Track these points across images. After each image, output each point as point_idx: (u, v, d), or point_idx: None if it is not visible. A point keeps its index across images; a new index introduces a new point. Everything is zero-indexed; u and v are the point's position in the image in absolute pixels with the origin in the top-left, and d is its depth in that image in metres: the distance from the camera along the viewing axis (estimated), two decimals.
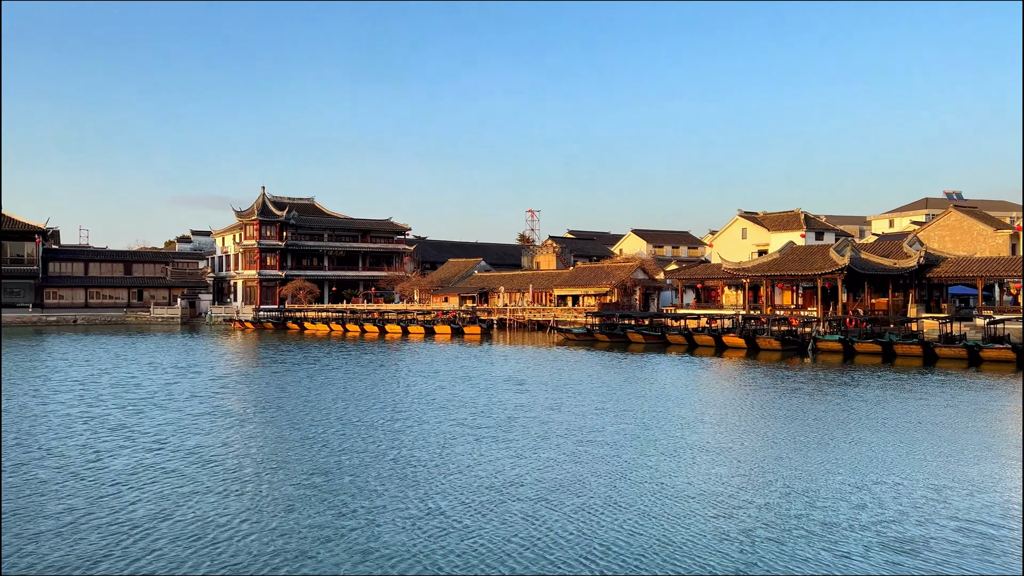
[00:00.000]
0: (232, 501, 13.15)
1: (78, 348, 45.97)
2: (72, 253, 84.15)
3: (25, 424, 20.23)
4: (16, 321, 71.34)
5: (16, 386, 27.95)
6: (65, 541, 11.06)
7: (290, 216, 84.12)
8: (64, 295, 77.79)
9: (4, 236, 74.51)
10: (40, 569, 10.00)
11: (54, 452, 16.86)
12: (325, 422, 20.69)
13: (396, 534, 11.45)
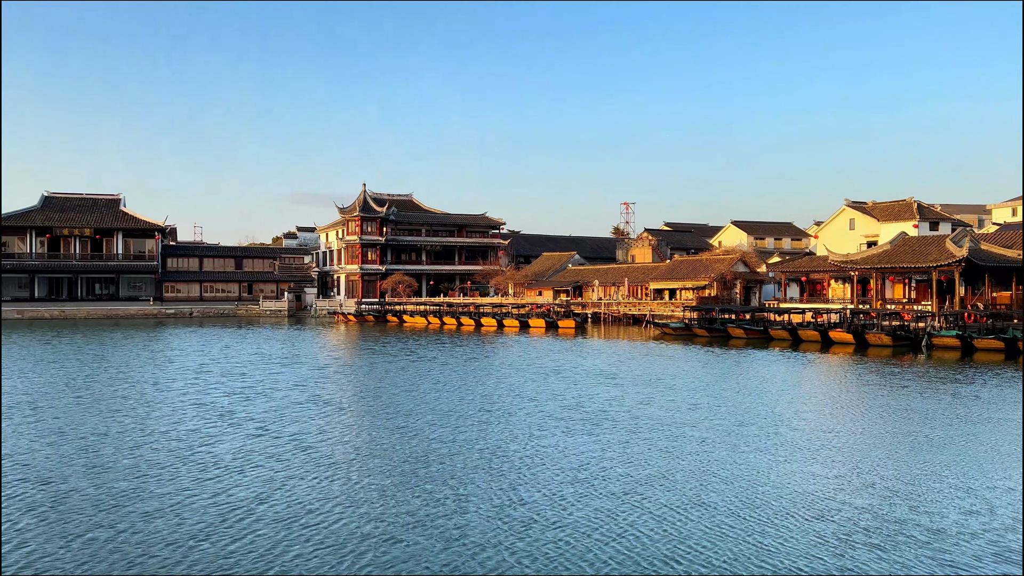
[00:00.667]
0: (326, 485, 13.59)
1: (193, 339, 48.68)
2: (188, 249, 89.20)
3: (142, 409, 21.58)
4: (139, 314, 76.33)
5: (137, 374, 29.86)
6: (170, 521, 11.72)
7: (390, 212, 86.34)
8: (181, 289, 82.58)
9: (128, 233, 79.79)
10: (151, 545, 10.62)
11: (167, 436, 17.89)
12: (418, 412, 21.10)
13: (481, 523, 11.55)
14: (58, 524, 11.48)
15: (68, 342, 45.50)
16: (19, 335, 51.95)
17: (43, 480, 13.93)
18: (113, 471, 14.59)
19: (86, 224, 78.19)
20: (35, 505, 12.43)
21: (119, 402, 22.84)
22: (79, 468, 14.83)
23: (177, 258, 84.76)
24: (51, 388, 25.84)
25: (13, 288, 76.75)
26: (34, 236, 76.77)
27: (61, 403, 22.65)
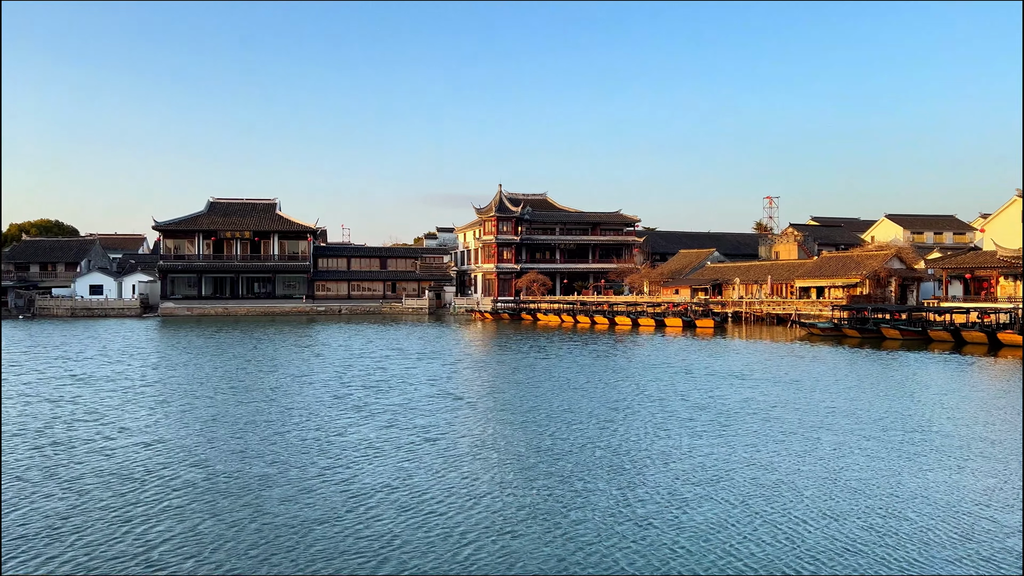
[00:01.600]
0: (449, 476, 13.94)
1: (339, 335, 51.33)
2: (337, 250, 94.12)
3: (286, 400, 23.00)
4: (293, 311, 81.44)
5: (285, 367, 31.87)
6: (297, 504, 12.42)
7: (524, 212, 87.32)
8: (331, 287, 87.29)
9: (283, 235, 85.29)
10: (282, 526, 11.30)
11: (306, 425, 18.97)
12: (543, 408, 21.21)
13: (596, 519, 11.46)
14: (208, 503, 12.45)
15: (227, 337, 49.26)
16: (187, 329, 56.83)
17: (198, 463, 15.15)
18: (257, 457, 15.65)
19: (246, 227, 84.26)
20: (190, 483, 13.54)
21: (267, 392, 24.47)
22: (228, 452, 16.01)
23: (327, 258, 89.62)
24: (209, 378, 28.07)
25: (184, 287, 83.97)
26: (201, 239, 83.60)
27: (217, 392, 24.56)
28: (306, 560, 9.95)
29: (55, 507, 12.19)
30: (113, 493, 12.96)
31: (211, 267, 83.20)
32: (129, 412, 20.93)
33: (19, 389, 25.41)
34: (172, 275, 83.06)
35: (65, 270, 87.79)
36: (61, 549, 10.34)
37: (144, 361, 34.28)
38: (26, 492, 13.04)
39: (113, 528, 11.20)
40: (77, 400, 23.04)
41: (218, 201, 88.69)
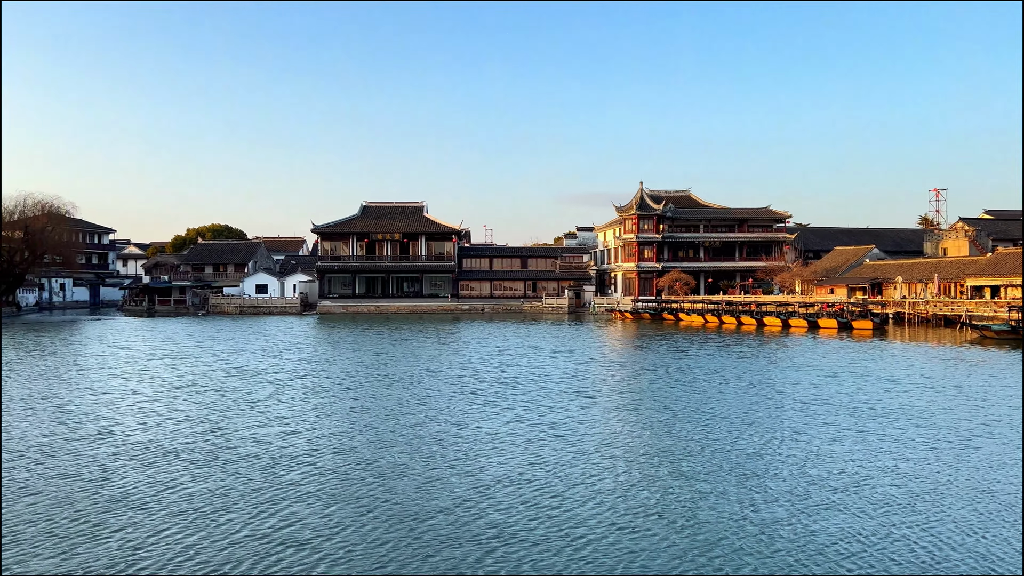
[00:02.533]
0: (573, 472, 14.00)
1: (481, 332, 52.59)
2: (480, 250, 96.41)
3: (424, 393, 23.89)
4: (439, 309, 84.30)
5: (430, 362, 33.09)
6: (422, 493, 12.89)
7: (666, 209, 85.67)
8: (474, 287, 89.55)
9: (430, 237, 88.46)
10: (406, 515, 11.80)
11: (438, 419, 19.63)
12: (674, 408, 20.79)
13: (720, 522, 11.15)
14: (343, 488, 13.21)
15: (376, 333, 51.73)
16: (341, 326, 60.22)
17: (339, 450, 16.08)
18: (391, 446, 16.41)
19: (396, 229, 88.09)
20: (329, 469, 14.41)
21: (409, 386, 25.51)
22: (366, 441, 16.89)
23: (470, 258, 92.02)
24: (358, 372, 29.64)
25: (340, 286, 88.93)
26: (355, 241, 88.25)
27: (364, 385, 25.90)
28: (421, 546, 10.34)
29: (210, 487, 13.35)
30: (261, 475, 14.01)
31: (364, 267, 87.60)
32: (283, 402, 22.50)
33: (191, 380, 27.92)
34: (329, 275, 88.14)
35: (235, 271, 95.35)
36: (215, 525, 11.32)
37: (301, 355, 36.69)
38: (189, 471, 14.35)
39: (262, 507, 12.12)
40: (238, 391, 25.03)
41: (370, 205, 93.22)
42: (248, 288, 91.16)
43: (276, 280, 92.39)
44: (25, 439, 17.14)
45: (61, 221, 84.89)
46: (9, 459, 15.26)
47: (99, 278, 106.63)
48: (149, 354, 37.52)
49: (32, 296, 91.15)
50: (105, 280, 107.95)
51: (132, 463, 14.93)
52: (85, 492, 12.93)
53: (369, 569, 9.61)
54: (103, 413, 20.54)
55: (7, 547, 10.35)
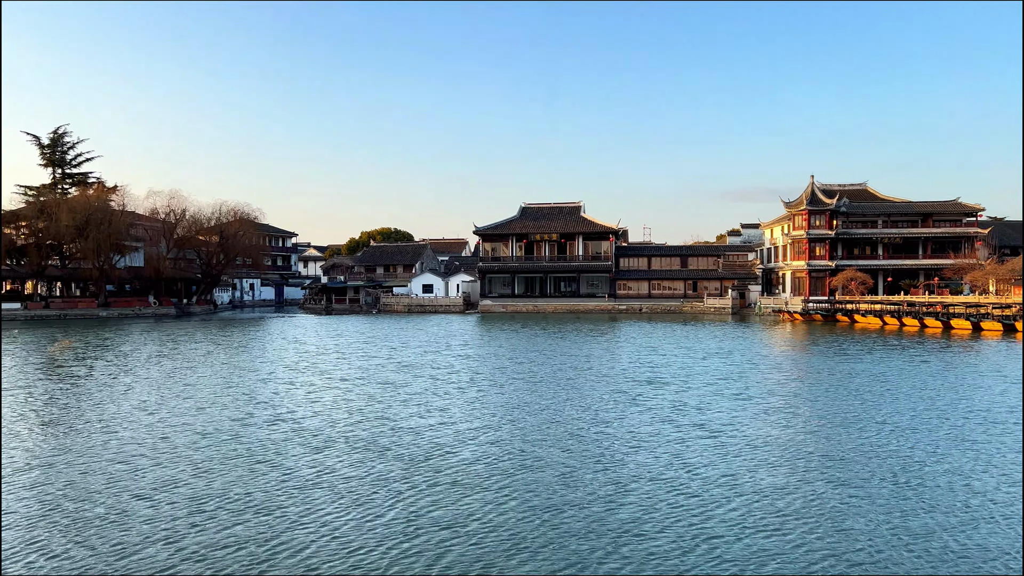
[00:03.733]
0: (715, 472, 13.60)
1: (637, 332, 51.88)
2: (637, 249, 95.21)
3: (573, 390, 23.91)
4: (596, 309, 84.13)
5: (583, 360, 33.11)
6: (559, 488, 12.92)
7: (840, 204, 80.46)
8: (632, 286, 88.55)
9: (587, 237, 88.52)
10: (533, 505, 11.86)
11: (579, 415, 19.58)
12: (836, 414, 19.55)
13: (868, 528, 10.44)
14: (486, 478, 13.52)
15: (534, 331, 52.41)
16: (500, 324, 61.60)
17: (489, 441, 16.46)
18: (535, 441, 16.62)
19: (553, 230, 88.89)
20: (473, 460, 14.79)
21: (560, 383, 25.66)
22: (511, 435, 17.20)
23: (628, 258, 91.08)
24: (513, 368, 30.19)
25: (500, 286, 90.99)
26: (514, 242, 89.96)
27: (518, 380, 26.34)
28: (553, 537, 10.39)
29: (365, 471, 14.10)
30: (414, 462, 14.62)
31: (523, 267, 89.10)
32: (441, 395, 23.35)
33: (359, 373, 29.63)
34: (489, 275, 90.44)
35: (403, 271, 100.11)
36: (364, 506, 11.96)
37: (461, 352, 37.92)
38: (349, 457, 15.23)
39: (408, 491, 12.66)
40: (402, 384, 26.24)
41: (529, 206, 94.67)
42: (415, 288, 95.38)
43: (441, 280, 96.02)
44: (212, 422, 18.90)
45: (251, 226, 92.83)
46: (195, 439, 16.88)
47: (283, 278, 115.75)
48: (323, 349, 40.22)
49: (226, 295, 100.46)
50: (288, 280, 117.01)
51: (299, 448, 16.04)
52: (254, 473, 14.04)
53: (498, 555, 9.77)
54: (278, 401, 22.25)
55: (188, 516, 11.45)
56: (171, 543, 10.29)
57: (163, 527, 10.93)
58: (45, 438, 17.04)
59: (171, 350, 38.65)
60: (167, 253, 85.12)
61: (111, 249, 77.54)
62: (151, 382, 26.41)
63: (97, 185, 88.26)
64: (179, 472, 13.96)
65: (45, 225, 76.08)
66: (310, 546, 10.17)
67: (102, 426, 18.32)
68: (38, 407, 21.24)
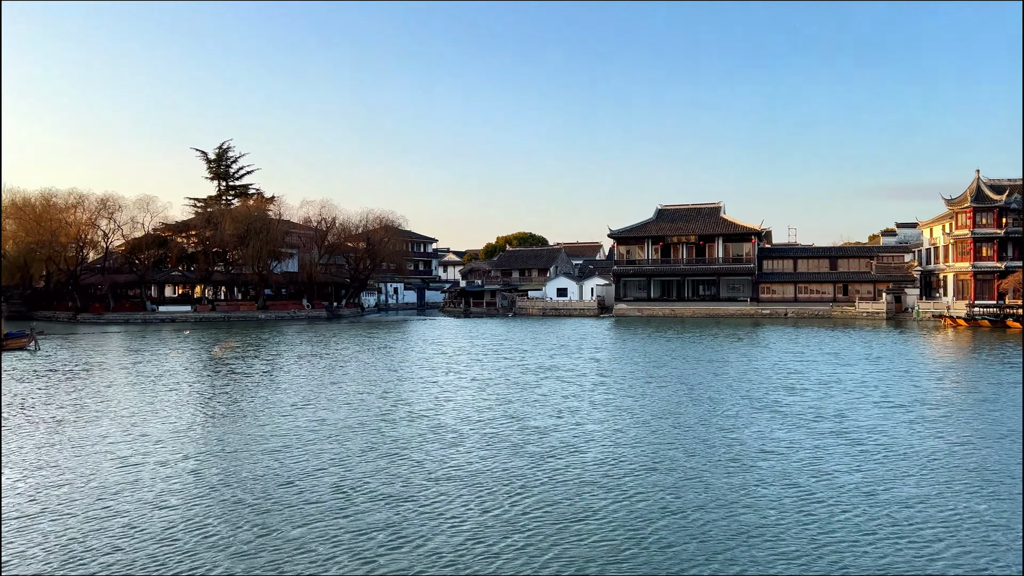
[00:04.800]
0: (849, 479, 12.88)
1: (781, 338, 49.82)
2: (782, 251, 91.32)
3: (700, 392, 23.35)
4: (736, 313, 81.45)
5: (718, 365, 32.25)
6: (681, 490, 12.67)
7: (1010, 200, 73.56)
8: (776, 290, 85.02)
9: (727, 239, 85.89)
10: (654, 506, 11.73)
11: (708, 419, 19.12)
12: (990, 429, 17.97)
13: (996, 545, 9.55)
14: (609, 478, 13.54)
15: (669, 336, 51.53)
16: (635, 328, 61.00)
17: (614, 443, 16.41)
18: (662, 444, 16.43)
19: (691, 232, 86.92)
20: (603, 460, 14.82)
21: (689, 387, 25.14)
22: (639, 437, 17.06)
23: (772, 260, 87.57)
24: (641, 371, 29.87)
25: (635, 289, 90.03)
26: (650, 244, 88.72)
27: (645, 384, 26.08)
28: (666, 536, 10.27)
29: (491, 466, 14.46)
30: (538, 460, 14.87)
31: (659, 271, 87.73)
32: (571, 397, 23.51)
33: (494, 374, 30.30)
34: (624, 279, 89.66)
35: (538, 275, 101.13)
36: (484, 499, 12.31)
37: (593, 355, 37.95)
38: (476, 453, 15.67)
39: (526, 487, 12.91)
40: (533, 385, 26.62)
41: (665, 208, 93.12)
42: (550, 291, 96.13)
43: (575, 284, 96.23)
44: (356, 416, 19.98)
45: (395, 233, 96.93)
46: (340, 432, 17.92)
47: (424, 282, 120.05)
48: (460, 350, 41.42)
49: (372, 298, 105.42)
50: (429, 284, 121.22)
51: (434, 443, 16.67)
52: (391, 464, 14.75)
53: (619, 553, 9.81)
54: (416, 399, 23.18)
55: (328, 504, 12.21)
56: (309, 527, 11.01)
57: (303, 512, 11.70)
58: (206, 429, 18.64)
59: (322, 350, 41.09)
60: (319, 259, 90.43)
61: (269, 256, 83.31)
62: (303, 379, 28.23)
63: (256, 196, 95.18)
64: (322, 462, 14.89)
65: (211, 234, 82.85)
66: (436, 536, 10.59)
67: (257, 419, 19.81)
68: (202, 401, 23.24)
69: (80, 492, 12.73)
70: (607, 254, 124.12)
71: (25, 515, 11.47)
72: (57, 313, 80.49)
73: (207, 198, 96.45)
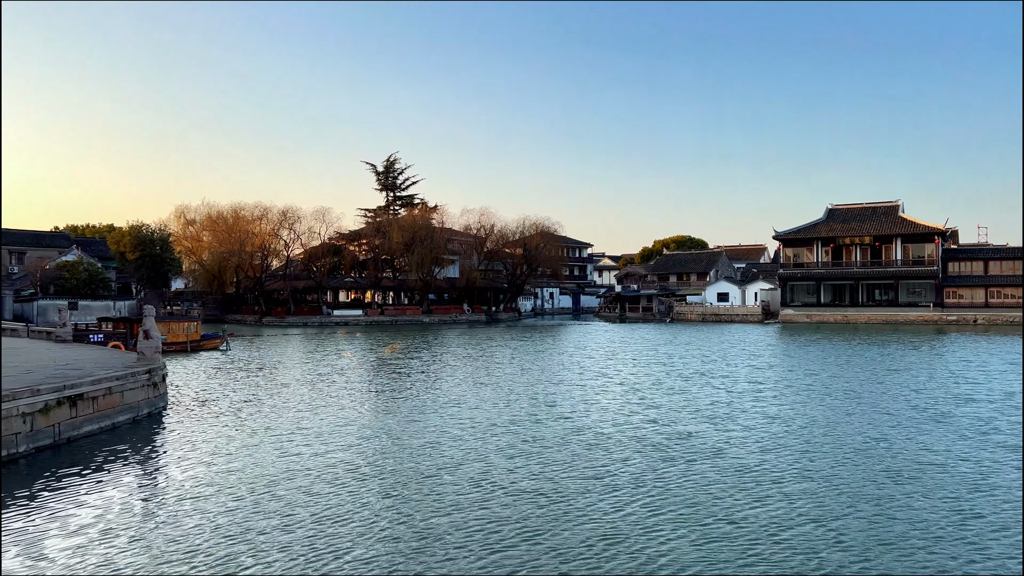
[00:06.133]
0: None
1: (965, 345, 45.41)
2: (970, 252, 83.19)
3: (865, 402, 21.80)
4: (917, 320, 75.18)
5: (888, 375, 29.99)
6: (828, 498, 11.88)
7: None
8: (963, 294, 77.63)
9: (906, 239, 79.52)
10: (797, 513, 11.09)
11: (868, 431, 17.78)
12: None
13: None
14: (755, 486, 13.01)
15: (836, 344, 48.44)
16: (803, 335, 57.92)
17: (761, 449, 15.77)
18: (816, 456, 15.54)
19: (865, 232, 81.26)
20: (750, 467, 14.26)
21: (855, 398, 23.55)
22: (792, 445, 16.24)
23: (958, 262, 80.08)
24: (805, 380, 28.34)
25: (803, 294, 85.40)
26: (819, 246, 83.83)
27: (809, 394, 24.76)
28: (811, 543, 9.69)
29: (634, 470, 14.29)
30: (680, 466, 14.53)
31: (829, 275, 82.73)
32: (726, 404, 22.79)
33: (650, 380, 29.92)
34: (791, 283, 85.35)
35: (697, 279, 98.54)
36: (622, 499, 12.17)
37: (756, 362, 36.52)
38: (636, 458, 15.53)
39: (667, 493, 12.63)
40: (688, 391, 26.03)
41: (836, 208, 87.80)
42: (710, 296, 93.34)
43: (737, 288, 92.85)
44: (506, 415, 20.43)
45: (551, 239, 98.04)
46: (489, 428, 18.36)
47: (579, 287, 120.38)
48: (612, 354, 41.17)
49: (529, 303, 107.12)
50: (584, 289, 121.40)
51: (577, 445, 16.72)
52: (528, 461, 14.95)
53: (765, 558, 9.40)
54: (566, 401, 23.32)
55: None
56: (447, 515, 11.39)
57: (442, 503, 12.12)
58: (367, 424, 19.75)
59: (479, 352, 42.34)
60: (478, 265, 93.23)
61: (432, 262, 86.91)
62: (460, 379, 29.23)
63: (421, 205, 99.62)
64: (466, 457, 15.34)
65: (380, 242, 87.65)
66: (570, 532, 10.61)
67: (413, 415, 20.75)
68: (366, 398, 24.66)
69: (246, 476, 13.90)
70: (772, 257, 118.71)
71: (198, 496, 12.68)
72: (245, 316, 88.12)
73: (376, 208, 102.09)
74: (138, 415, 19.70)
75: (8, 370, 19.76)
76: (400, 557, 9.69)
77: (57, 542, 10.21)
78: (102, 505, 11.99)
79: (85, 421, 17.36)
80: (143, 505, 12.09)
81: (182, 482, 13.46)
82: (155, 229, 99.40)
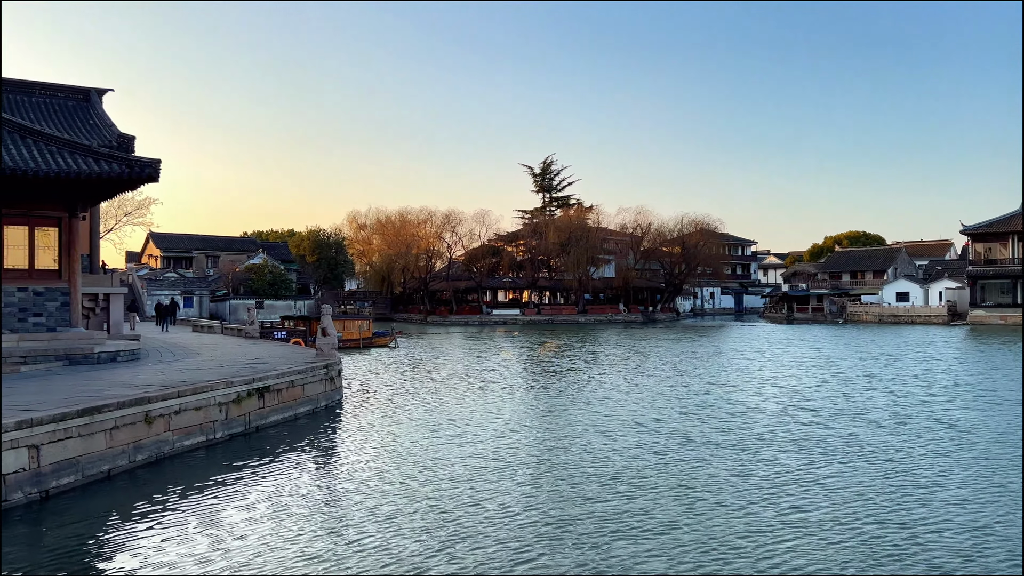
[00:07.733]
0: None
1: None
2: None
3: None
4: None
5: None
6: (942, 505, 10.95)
7: None
8: None
9: None
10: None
11: None
12: None
13: None
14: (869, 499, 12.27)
15: None
16: (994, 338, 52.84)
17: (885, 459, 14.77)
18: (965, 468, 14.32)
19: None
20: (871, 484, 13.44)
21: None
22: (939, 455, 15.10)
23: None
24: (989, 388, 26.06)
25: (996, 294, 77.73)
26: (1016, 241, 75.96)
27: (987, 402, 22.77)
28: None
29: (799, 476, 13.86)
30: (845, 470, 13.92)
31: None
32: (895, 415, 21.42)
33: (816, 384, 28.63)
34: (982, 281, 78.00)
35: (872, 278, 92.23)
36: (756, 497, 11.88)
37: (935, 366, 33.93)
38: (789, 461, 15.08)
39: (794, 495, 12.15)
40: (849, 395, 24.67)
41: None
42: (887, 295, 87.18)
43: (919, 287, 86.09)
44: (655, 412, 20.34)
45: (711, 236, 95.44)
46: (632, 427, 18.36)
47: (742, 286, 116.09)
48: (776, 356, 39.62)
49: (688, 303, 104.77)
50: (748, 288, 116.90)
51: (728, 446, 16.39)
52: (665, 460, 14.84)
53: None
54: (720, 402, 22.81)
55: None
56: (578, 506, 11.59)
57: (586, 495, 12.31)
58: (517, 417, 20.32)
59: (635, 352, 42.15)
60: (634, 264, 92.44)
61: (588, 262, 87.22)
62: (613, 378, 29.32)
63: (577, 206, 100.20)
64: (613, 452, 15.44)
65: (537, 243, 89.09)
66: (710, 528, 10.50)
67: (565, 411, 21.11)
68: (520, 393, 25.36)
69: (414, 465, 14.79)
70: (959, 253, 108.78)
71: (365, 482, 13.66)
72: (411, 315, 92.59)
73: (533, 210, 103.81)
74: (316, 407, 21.36)
75: (208, 363, 22.16)
76: (543, 547, 10.01)
77: (241, 515, 11.42)
78: (286, 487, 13.23)
79: (271, 411, 19.09)
80: (317, 489, 13.21)
81: (353, 470, 14.54)
82: (331, 233, 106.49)
